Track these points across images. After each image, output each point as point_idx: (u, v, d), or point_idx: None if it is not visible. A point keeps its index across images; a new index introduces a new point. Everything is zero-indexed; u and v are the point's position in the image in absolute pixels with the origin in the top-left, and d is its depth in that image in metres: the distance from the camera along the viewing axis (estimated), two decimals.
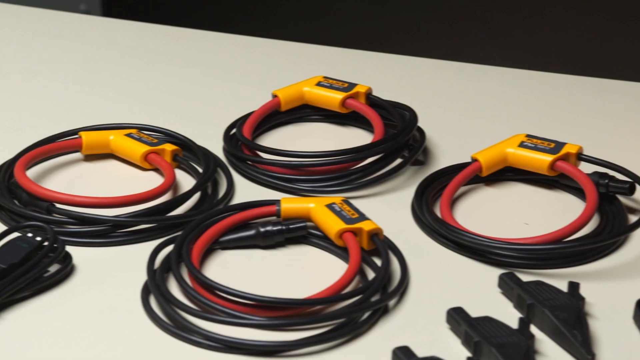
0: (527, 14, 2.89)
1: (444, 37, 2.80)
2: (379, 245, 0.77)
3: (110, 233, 0.80)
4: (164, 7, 3.01)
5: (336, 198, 0.81)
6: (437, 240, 0.81)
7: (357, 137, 0.96)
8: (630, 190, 0.83)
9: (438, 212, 0.84)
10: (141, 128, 0.92)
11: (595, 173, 0.85)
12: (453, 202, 0.87)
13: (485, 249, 0.79)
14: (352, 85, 0.97)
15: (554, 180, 0.88)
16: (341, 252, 0.79)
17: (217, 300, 0.72)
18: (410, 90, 1.05)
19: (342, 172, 0.88)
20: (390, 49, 1.23)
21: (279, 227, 0.79)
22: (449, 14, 2.90)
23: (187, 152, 0.91)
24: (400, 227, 0.83)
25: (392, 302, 0.74)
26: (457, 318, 0.70)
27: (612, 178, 0.84)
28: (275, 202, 0.81)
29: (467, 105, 1.03)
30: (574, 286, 0.73)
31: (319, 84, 0.97)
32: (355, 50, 1.13)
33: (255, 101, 0.97)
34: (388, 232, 0.80)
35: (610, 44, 2.70)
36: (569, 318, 0.70)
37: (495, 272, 0.76)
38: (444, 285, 0.77)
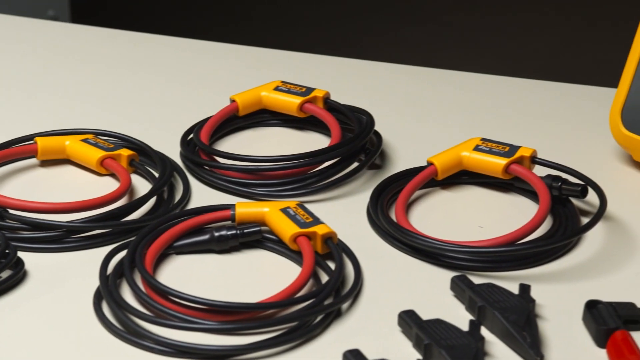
0: (499, 20, 2.91)
1: (417, 43, 2.81)
2: (333, 249, 0.78)
3: (63, 239, 0.80)
4: (133, 13, 3.00)
5: (291, 202, 0.81)
6: (392, 244, 0.82)
7: (315, 142, 0.97)
8: (583, 193, 0.84)
9: (393, 216, 0.84)
10: (97, 133, 0.92)
11: (549, 176, 0.86)
12: (409, 205, 0.87)
13: (438, 252, 0.79)
14: (310, 90, 0.97)
15: (509, 183, 0.89)
16: (295, 256, 0.79)
17: (169, 305, 0.72)
18: (369, 95, 1.06)
19: (298, 177, 0.88)
20: (362, 55, 1.24)
21: (234, 232, 0.80)
22: (422, 20, 2.92)
23: (144, 157, 0.91)
24: (356, 230, 0.84)
25: (345, 306, 0.75)
26: (409, 321, 0.71)
27: (565, 181, 0.85)
28: (230, 207, 0.82)
29: (425, 109, 1.03)
30: (524, 288, 0.74)
31: (277, 89, 0.97)
32: (314, 54, 1.13)
33: (213, 106, 0.98)
34: (343, 236, 0.81)
35: (582, 49, 2.73)
36: (519, 320, 0.70)
37: (448, 275, 0.77)
38: (397, 288, 0.77)
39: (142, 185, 0.89)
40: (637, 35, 0.90)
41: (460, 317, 0.73)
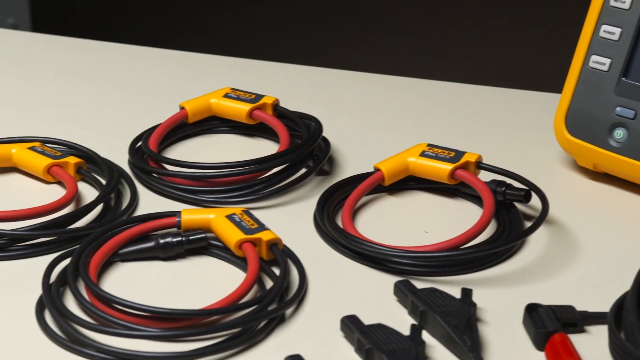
0: (465, 27, 2.92)
1: (384, 51, 2.82)
2: (278, 255, 0.78)
3: (8, 247, 0.80)
4: (92, 21, 2.99)
5: (237, 209, 0.82)
6: (338, 250, 0.82)
7: (264, 148, 0.97)
8: (526, 198, 0.85)
9: (340, 222, 0.85)
10: (44, 141, 0.92)
11: (493, 181, 0.87)
12: (355, 211, 0.88)
13: (383, 257, 0.80)
14: (259, 97, 0.97)
15: (455, 188, 0.90)
16: (241, 262, 0.79)
17: (112, 313, 0.72)
18: (319, 102, 1.06)
19: (246, 183, 0.88)
20: (329, 63, 1.24)
21: (179, 239, 0.80)
22: (388, 28, 2.93)
23: (92, 164, 0.91)
24: (303, 236, 0.84)
25: (289, 311, 0.75)
26: (350, 326, 0.71)
27: (509, 186, 0.86)
28: (176, 214, 0.82)
29: (374, 116, 1.04)
30: (466, 292, 0.74)
31: (226, 96, 0.98)
32: (265, 61, 1.14)
33: (163, 113, 0.98)
34: (290, 242, 0.81)
35: (546, 56, 2.75)
36: (459, 324, 0.71)
37: (392, 280, 0.77)
38: (342, 293, 0.78)
39: (89, 193, 0.89)
40: (579, 42, 0.91)
41: (403, 321, 0.74)
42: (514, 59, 2.73)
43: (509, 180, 0.87)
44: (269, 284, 0.77)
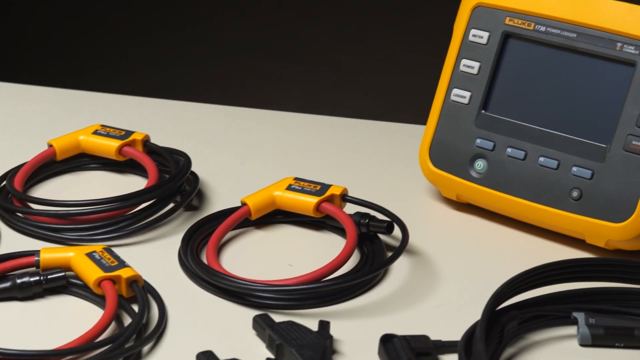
0: (378, 59, 2.95)
1: (299, 83, 2.83)
2: (137, 292, 0.78)
3: None
4: None
5: (97, 246, 0.81)
6: (201, 285, 0.82)
7: (135, 184, 0.97)
8: (389, 230, 0.87)
9: (205, 257, 0.85)
10: None
11: (357, 213, 0.88)
12: (222, 246, 0.88)
13: (244, 291, 0.80)
14: (129, 133, 0.97)
15: (321, 221, 0.90)
16: (100, 300, 0.79)
17: None
18: (191, 136, 1.06)
19: (111, 220, 0.88)
20: (246, 96, 1.24)
21: (37, 278, 0.79)
22: (303, 60, 2.94)
23: None
24: (167, 272, 0.84)
25: (147, 348, 0.75)
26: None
27: (372, 218, 0.87)
28: (35, 253, 0.81)
29: (245, 149, 1.04)
30: (323, 325, 0.75)
31: (95, 133, 0.97)
32: (138, 97, 1.14)
33: (31, 152, 0.96)
34: (153, 279, 0.81)
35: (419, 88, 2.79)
36: (314, 356, 0.72)
37: (254, 314, 0.77)
38: (202, 329, 0.78)
39: None
40: (441, 76, 0.93)
41: (260, 355, 0.74)
42: (428, 91, 2.76)
43: (373, 213, 0.88)
44: (128, 321, 0.77)
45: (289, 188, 0.90)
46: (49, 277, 0.79)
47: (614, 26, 0.85)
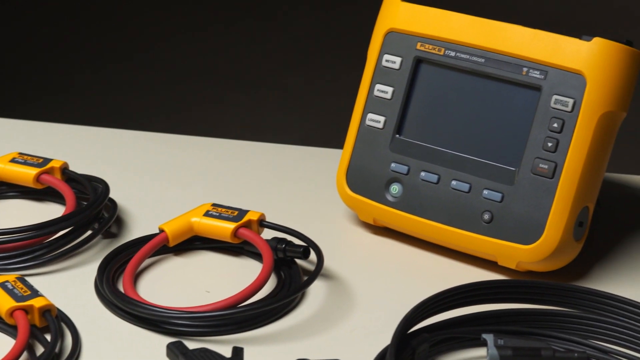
0: (324, 81, 2.97)
1: (245, 108, 2.83)
2: (50, 321, 0.77)
3: None
4: None
5: (10, 276, 0.81)
6: (117, 314, 0.82)
7: (53, 212, 0.96)
8: (305, 254, 0.87)
9: (121, 285, 0.85)
10: None
11: (274, 239, 0.89)
12: (140, 273, 0.88)
13: (159, 319, 0.80)
14: (47, 161, 0.97)
15: (240, 247, 0.91)
16: (13, 330, 0.78)
17: None
18: (112, 163, 1.06)
19: (27, 249, 0.87)
20: (192, 121, 1.22)
21: None
22: (249, 84, 2.94)
23: None
24: (83, 301, 0.84)
25: None
26: None
27: (289, 243, 0.88)
28: None
29: (166, 175, 1.05)
30: (237, 351, 0.75)
31: (13, 160, 0.97)
32: (58, 124, 1.14)
33: None
34: (69, 308, 0.81)
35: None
36: None
37: (168, 342, 0.78)
38: (116, 358, 0.77)
39: None
40: (357, 101, 0.94)
41: None
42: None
43: (290, 238, 0.89)
44: (40, 351, 0.77)
45: (207, 214, 0.90)
46: None
47: (520, 51, 0.87)
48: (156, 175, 1.05)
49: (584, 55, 0.84)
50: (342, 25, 3.21)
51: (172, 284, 0.87)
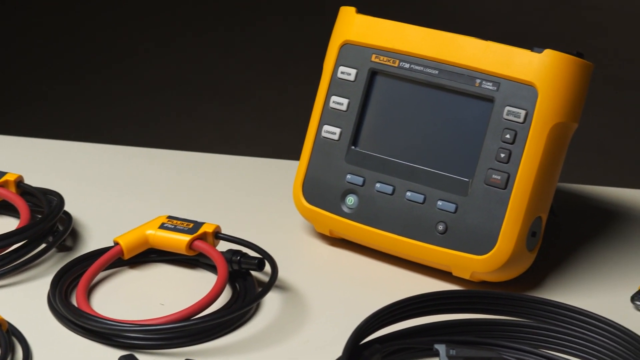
0: (297, 92, 2.95)
1: (217, 119, 2.82)
2: (0, 335, 0.77)
3: None
4: None
5: None
6: (69, 327, 0.82)
7: (7, 226, 0.95)
8: (260, 266, 0.87)
9: (74, 299, 0.85)
10: None
11: (230, 251, 0.88)
12: (94, 286, 0.88)
13: (112, 332, 0.80)
14: (1, 174, 0.96)
15: (195, 259, 0.91)
16: None
17: None
18: (68, 176, 1.06)
19: None
20: (164, 133, 1.22)
21: None
22: (220, 96, 2.93)
23: None
24: (36, 315, 0.83)
25: None
26: None
27: (244, 255, 0.88)
28: None
29: (123, 188, 1.04)
30: None
31: None
32: (14, 137, 1.13)
33: None
34: (22, 322, 0.80)
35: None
36: None
37: (120, 355, 0.77)
38: None
39: None
40: (313, 113, 0.95)
41: None
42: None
43: (245, 250, 0.89)
44: None
45: (162, 227, 0.90)
46: None
47: (473, 63, 0.87)
48: (113, 188, 1.04)
49: (536, 67, 0.85)
50: (313, 36, 3.22)
51: (126, 297, 0.87)
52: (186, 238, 0.89)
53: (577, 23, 3.52)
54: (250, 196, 1.04)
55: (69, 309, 0.82)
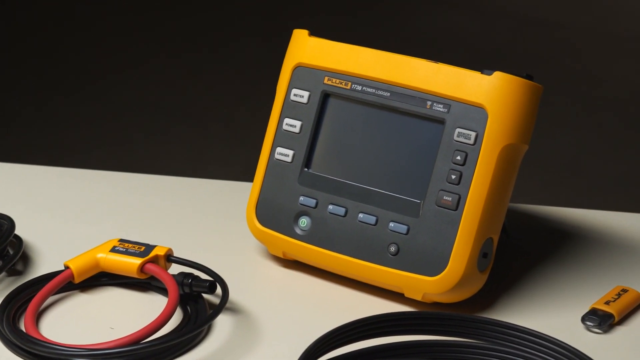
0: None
1: (188, 140, 2.81)
2: None
3: None
4: None
5: None
6: (17, 353, 0.80)
7: None
8: (211, 289, 0.87)
9: (23, 324, 0.84)
10: None
11: (181, 274, 0.88)
12: (44, 311, 0.87)
13: (59, 357, 0.78)
14: None
15: (147, 282, 0.90)
16: None
17: None
18: (19, 199, 1.05)
19: None
20: (135, 154, 1.21)
21: None
22: (192, 117, 2.92)
23: None
24: None
25: None
26: None
27: (195, 277, 0.87)
28: None
29: (75, 211, 1.04)
30: None
31: None
32: None
33: None
34: None
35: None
36: None
37: None
38: None
39: None
40: (266, 134, 0.94)
41: None
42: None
43: (197, 272, 0.89)
44: None
45: (113, 250, 0.89)
46: None
47: (424, 85, 0.88)
48: (66, 211, 1.03)
49: (485, 89, 0.85)
50: (282, 57, 3.23)
51: (76, 321, 0.86)
52: (137, 261, 0.88)
53: (547, 43, 3.55)
54: (205, 218, 1.03)
55: (17, 334, 0.81)
